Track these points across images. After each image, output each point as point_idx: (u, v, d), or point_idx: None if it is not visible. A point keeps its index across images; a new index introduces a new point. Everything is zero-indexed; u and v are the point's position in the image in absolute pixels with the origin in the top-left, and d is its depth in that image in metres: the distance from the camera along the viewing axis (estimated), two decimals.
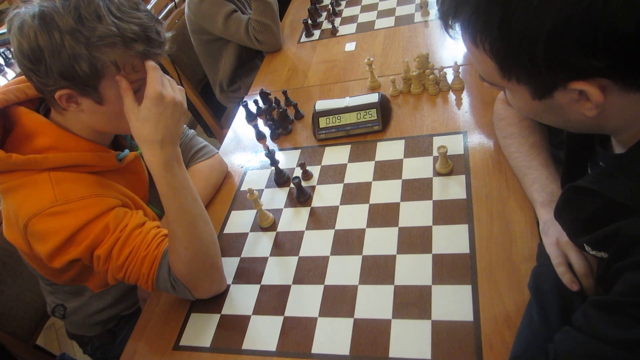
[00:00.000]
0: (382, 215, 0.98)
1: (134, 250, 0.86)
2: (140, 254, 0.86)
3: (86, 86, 0.80)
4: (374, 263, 0.90)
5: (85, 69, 0.77)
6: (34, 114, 0.88)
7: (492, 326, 0.75)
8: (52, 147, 0.86)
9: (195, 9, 1.76)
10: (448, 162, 1.02)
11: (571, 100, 0.54)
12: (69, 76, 0.78)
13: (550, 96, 0.55)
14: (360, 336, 0.80)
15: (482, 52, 0.55)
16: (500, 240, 0.86)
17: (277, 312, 0.88)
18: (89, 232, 0.84)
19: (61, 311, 1.11)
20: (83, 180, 0.88)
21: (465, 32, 0.56)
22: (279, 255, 0.99)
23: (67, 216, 0.83)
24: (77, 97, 0.83)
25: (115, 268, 0.86)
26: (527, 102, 0.58)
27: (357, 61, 1.50)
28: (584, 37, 0.47)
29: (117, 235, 0.85)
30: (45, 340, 2.04)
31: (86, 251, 0.84)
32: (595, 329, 0.55)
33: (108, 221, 0.85)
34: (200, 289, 0.90)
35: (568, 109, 0.56)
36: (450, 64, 1.26)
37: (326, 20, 1.78)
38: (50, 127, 0.88)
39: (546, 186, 0.84)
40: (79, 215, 0.84)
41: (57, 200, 0.83)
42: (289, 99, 1.38)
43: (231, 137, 1.39)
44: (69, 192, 0.85)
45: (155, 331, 0.93)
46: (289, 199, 1.10)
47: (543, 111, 0.59)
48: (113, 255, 0.85)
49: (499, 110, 1.01)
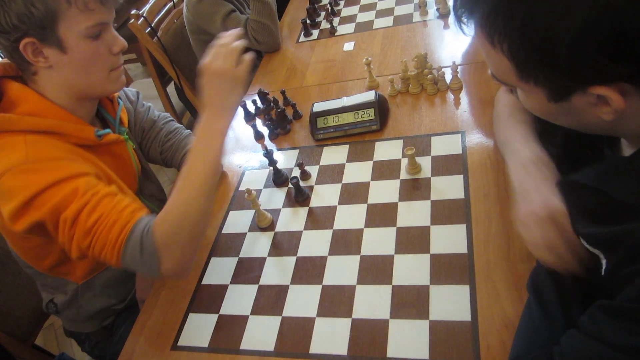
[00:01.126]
0: (380, 215, 0.98)
1: (104, 214, 0.81)
2: (111, 217, 0.81)
3: (44, 29, 0.82)
4: (372, 263, 0.90)
5: (40, 8, 0.80)
6: (15, 83, 0.89)
7: (490, 326, 0.75)
8: (31, 113, 0.87)
9: (193, 9, 1.76)
10: (416, 164, 1.03)
11: (589, 104, 0.53)
12: (25, 20, 0.80)
13: (568, 99, 0.53)
14: (358, 336, 0.80)
15: (499, 52, 0.54)
16: (498, 241, 0.86)
17: (275, 312, 0.88)
18: (57, 192, 0.81)
19: (53, 307, 1.11)
20: (59, 146, 0.88)
21: (482, 30, 0.54)
22: (277, 255, 0.99)
23: (36, 174, 0.82)
24: (42, 48, 0.84)
25: (82, 233, 0.81)
26: (541, 104, 0.57)
27: (356, 61, 1.50)
28: (611, 42, 0.45)
29: (87, 198, 0.81)
30: (44, 340, 2.04)
31: (51, 213, 0.80)
32: (604, 334, 0.54)
33: (78, 185, 0.82)
34: (169, 260, 0.82)
35: (584, 112, 0.54)
36: (448, 64, 1.26)
37: (325, 20, 1.78)
38: (32, 95, 0.89)
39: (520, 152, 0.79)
40: (48, 174, 0.82)
41: (29, 159, 0.82)
42: (288, 99, 1.38)
43: (229, 137, 1.39)
44: (41, 152, 0.84)
45: (154, 331, 0.93)
46: (287, 199, 1.10)
47: (557, 113, 0.58)
48: (81, 219, 0.80)
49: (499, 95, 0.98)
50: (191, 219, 0.83)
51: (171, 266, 0.83)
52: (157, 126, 1.19)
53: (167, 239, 0.81)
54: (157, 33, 1.85)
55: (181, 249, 0.83)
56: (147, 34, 1.84)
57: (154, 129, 1.18)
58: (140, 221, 0.82)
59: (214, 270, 1.01)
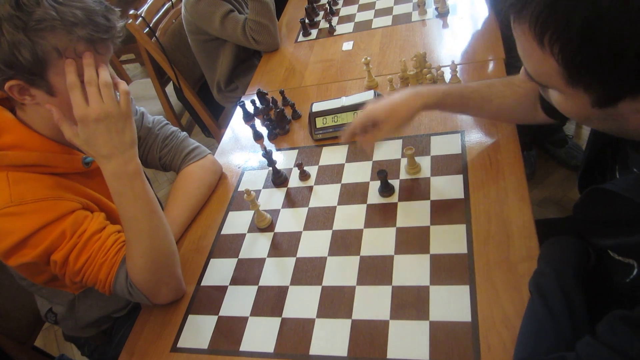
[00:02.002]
0: (379, 216, 0.98)
1: (91, 256, 0.86)
2: (98, 260, 0.86)
3: (32, 75, 0.78)
4: (371, 264, 0.90)
5: (27, 56, 0.75)
6: (2, 111, 0.87)
7: (490, 327, 0.75)
8: (15, 145, 0.85)
9: (192, 9, 1.75)
10: (415, 164, 1.03)
11: (634, 110, 0.51)
12: (12, 65, 0.76)
13: (614, 105, 0.51)
14: (358, 337, 0.80)
15: (547, 53, 0.50)
16: (498, 240, 0.86)
17: (275, 313, 0.88)
18: (45, 236, 0.82)
19: (52, 318, 1.10)
20: (42, 181, 0.87)
21: (531, 28, 0.50)
22: (276, 256, 0.99)
23: (21, 218, 0.81)
24: (29, 89, 0.81)
25: (73, 273, 0.86)
26: (583, 109, 0.54)
27: (355, 60, 1.49)
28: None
29: (75, 241, 0.84)
30: (44, 342, 2.04)
31: (42, 255, 0.83)
32: (624, 345, 0.54)
33: (65, 227, 0.84)
34: (157, 296, 0.92)
35: (628, 118, 0.53)
36: (447, 63, 1.26)
37: (323, 19, 1.77)
38: (17, 125, 0.86)
39: None
40: (34, 218, 0.82)
41: (12, 200, 0.81)
42: (287, 99, 1.38)
43: (229, 137, 1.39)
44: (25, 193, 0.83)
45: (153, 333, 0.93)
46: (286, 200, 1.10)
47: (597, 118, 0.56)
48: (70, 261, 0.85)
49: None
50: (158, 261, 0.89)
51: (162, 299, 0.93)
52: (153, 132, 1.17)
53: (146, 284, 0.89)
54: (155, 33, 1.85)
55: (164, 285, 0.92)
56: (145, 34, 1.83)
57: (150, 136, 1.16)
58: (123, 264, 0.88)
59: (213, 272, 1.01)
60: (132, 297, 0.90)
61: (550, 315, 0.66)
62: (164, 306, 0.97)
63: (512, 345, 0.70)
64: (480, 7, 1.51)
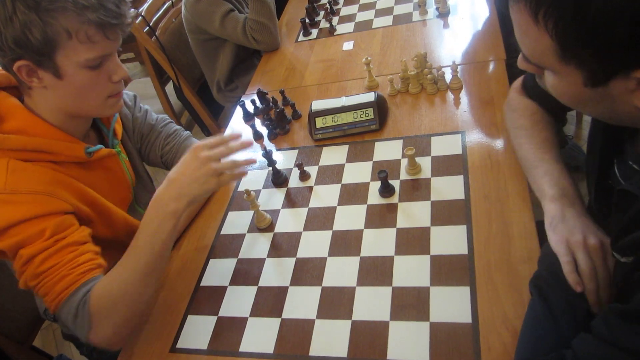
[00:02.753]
0: (380, 216, 0.98)
1: (58, 265, 0.82)
2: (62, 271, 0.82)
3: (41, 56, 0.80)
4: (371, 264, 0.90)
5: (37, 36, 0.77)
6: (9, 97, 0.88)
7: (491, 328, 0.75)
8: (19, 130, 0.86)
9: (192, 9, 1.75)
10: (416, 164, 1.02)
11: (626, 90, 0.51)
12: (22, 44, 0.78)
13: (606, 84, 0.52)
14: (358, 338, 0.80)
15: (542, 29, 0.52)
16: (499, 241, 0.86)
17: (275, 314, 0.88)
18: (24, 229, 0.81)
19: (51, 315, 1.10)
20: (41, 173, 0.86)
21: (527, 6, 0.52)
22: (276, 256, 0.98)
23: (9, 207, 0.81)
24: (37, 71, 0.82)
25: (31, 275, 0.81)
26: (575, 89, 0.55)
27: (355, 60, 1.49)
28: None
29: (50, 243, 0.82)
30: (42, 342, 2.03)
31: (13, 247, 0.81)
32: (618, 338, 0.54)
33: (48, 226, 0.82)
34: (99, 332, 0.82)
35: (619, 99, 0.53)
36: (448, 63, 1.26)
37: (324, 19, 1.77)
38: (22, 111, 0.87)
39: (558, 180, 0.80)
40: (22, 209, 0.81)
41: (6, 189, 0.82)
42: (287, 99, 1.38)
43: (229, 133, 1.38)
44: (20, 183, 0.83)
45: (152, 334, 0.93)
46: (286, 200, 1.10)
47: (589, 99, 0.56)
48: (35, 261, 0.81)
49: (512, 101, 0.97)
50: (128, 298, 0.82)
51: (99, 339, 0.82)
52: (156, 130, 1.18)
53: (100, 314, 0.81)
54: (155, 32, 1.85)
55: (112, 326, 0.82)
56: (145, 33, 1.83)
57: (152, 133, 1.17)
58: (85, 285, 0.82)
59: (213, 272, 1.00)
60: (75, 322, 0.81)
61: (551, 315, 0.66)
62: (163, 306, 0.97)
63: (513, 346, 0.70)
64: (481, 7, 1.51)
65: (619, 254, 0.61)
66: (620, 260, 0.61)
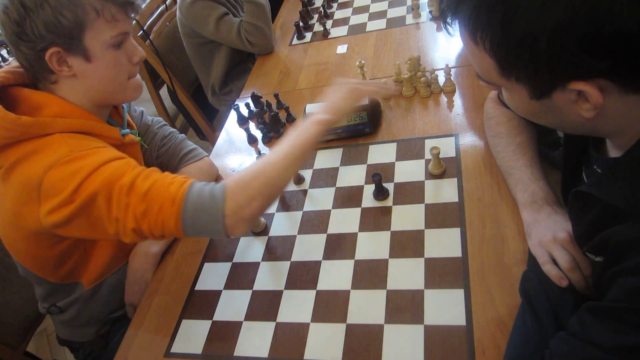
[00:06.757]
0: (374, 219, 0.98)
1: (159, 179, 0.83)
2: (167, 180, 0.84)
3: (71, 39, 0.84)
4: (366, 267, 0.90)
5: (69, 17, 0.82)
6: (37, 91, 0.91)
7: (485, 330, 0.75)
8: (60, 115, 0.88)
9: (186, 12, 1.75)
10: (441, 164, 1.02)
11: (569, 101, 0.53)
12: (54, 29, 0.82)
13: (549, 96, 0.54)
14: (353, 342, 0.80)
15: (481, 50, 0.55)
16: (492, 244, 0.86)
17: (269, 317, 0.88)
18: (110, 165, 0.83)
19: (56, 310, 1.09)
20: (94, 140, 0.90)
21: (465, 29, 0.55)
22: (270, 260, 0.98)
23: (85, 158, 0.83)
24: (67, 57, 0.86)
25: (139, 198, 0.80)
26: (524, 102, 0.58)
27: (349, 64, 1.49)
28: (587, 36, 0.46)
29: (140, 170, 0.84)
30: (36, 347, 2.02)
31: (106, 182, 0.81)
32: (591, 335, 0.55)
33: (129, 160, 0.87)
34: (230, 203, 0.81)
35: (566, 109, 0.55)
36: (441, 66, 1.27)
37: (318, 22, 1.78)
38: (56, 99, 0.90)
39: (528, 187, 0.84)
40: (98, 156, 0.84)
41: (73, 150, 0.84)
42: (281, 102, 1.38)
43: (223, 140, 1.39)
44: (83, 144, 0.86)
45: (146, 338, 0.92)
46: (280, 203, 1.10)
47: (540, 112, 0.59)
48: (137, 184, 0.81)
49: (489, 109, 1.01)
50: (266, 175, 0.85)
51: (231, 209, 0.81)
52: (152, 131, 1.18)
53: (236, 185, 0.83)
54: (149, 36, 1.84)
55: (247, 197, 0.82)
56: (139, 37, 1.82)
57: (148, 133, 1.17)
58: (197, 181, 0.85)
59: (207, 276, 1.00)
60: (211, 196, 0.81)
61: (536, 318, 0.67)
62: (158, 311, 0.96)
63: None
64: None
65: (593, 254, 0.63)
66: (595, 260, 0.63)
